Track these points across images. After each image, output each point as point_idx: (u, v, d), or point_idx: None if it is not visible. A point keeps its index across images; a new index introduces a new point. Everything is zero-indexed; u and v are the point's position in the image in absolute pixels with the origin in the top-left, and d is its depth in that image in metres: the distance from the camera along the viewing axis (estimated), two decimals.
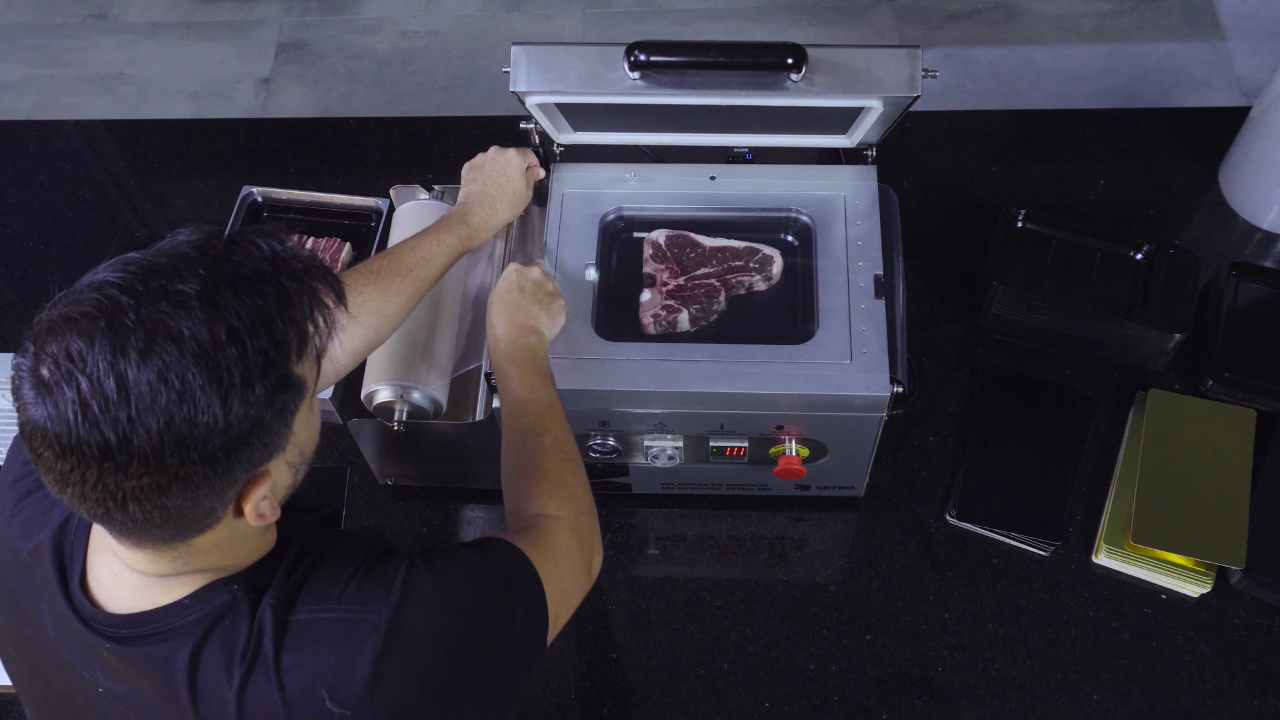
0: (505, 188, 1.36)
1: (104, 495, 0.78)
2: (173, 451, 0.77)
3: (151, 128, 1.92)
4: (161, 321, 0.76)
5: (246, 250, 0.82)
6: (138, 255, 0.80)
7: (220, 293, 0.78)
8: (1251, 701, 1.34)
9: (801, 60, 1.23)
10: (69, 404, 0.75)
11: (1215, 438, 1.46)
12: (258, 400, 0.79)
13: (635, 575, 1.46)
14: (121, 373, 0.75)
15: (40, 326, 0.78)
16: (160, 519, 0.80)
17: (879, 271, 1.33)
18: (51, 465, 0.78)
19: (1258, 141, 1.65)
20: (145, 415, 0.75)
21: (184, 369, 0.76)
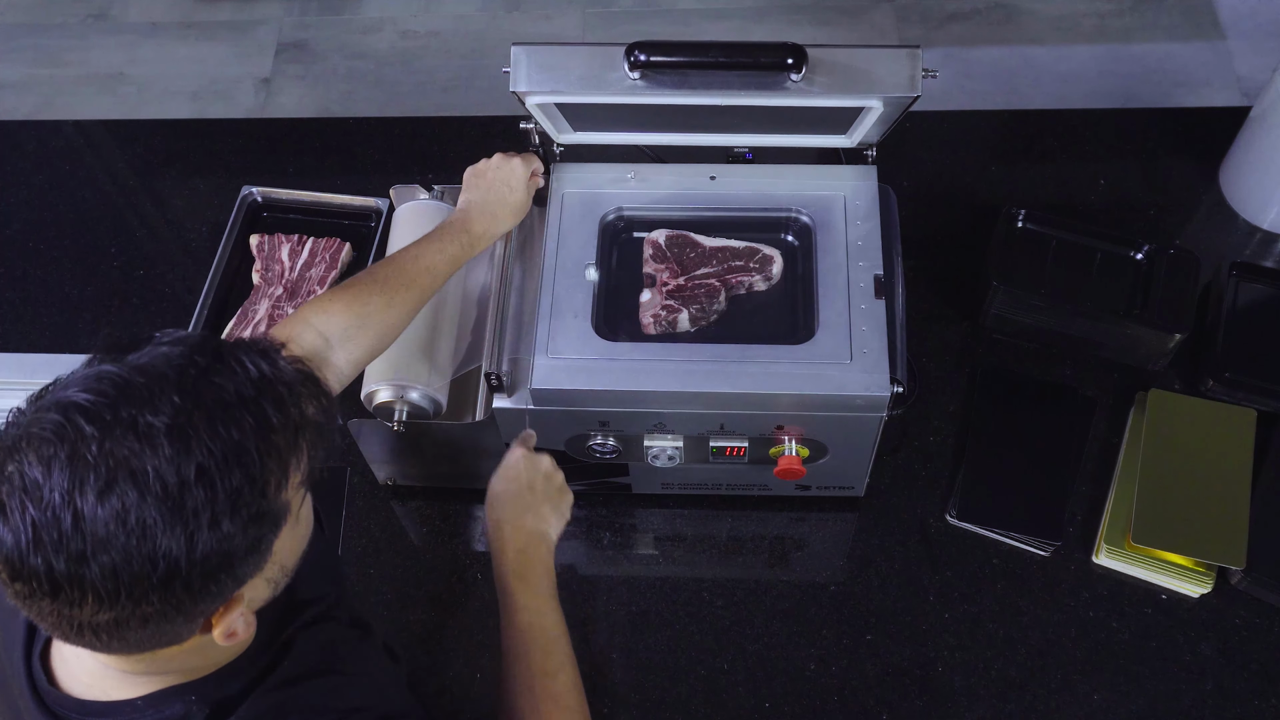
0: (508, 197, 1.36)
1: (59, 621, 0.75)
2: (129, 591, 0.72)
3: (151, 128, 1.92)
4: (124, 459, 0.72)
5: (231, 371, 0.77)
6: (114, 370, 0.75)
7: (193, 426, 0.73)
8: (1251, 701, 1.34)
9: (801, 60, 1.23)
10: (21, 530, 0.71)
11: (1215, 438, 1.46)
12: (227, 537, 0.75)
13: (635, 575, 1.46)
14: (78, 509, 0.71)
15: (8, 438, 0.74)
16: (119, 646, 0.78)
17: (879, 271, 1.33)
18: (6, 584, 0.74)
19: (1258, 141, 1.65)
20: (99, 553, 0.71)
21: (144, 511, 0.71)
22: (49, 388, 0.77)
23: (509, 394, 1.30)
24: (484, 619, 1.43)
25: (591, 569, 1.46)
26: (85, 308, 1.70)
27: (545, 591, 1.13)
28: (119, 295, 1.71)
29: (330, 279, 1.65)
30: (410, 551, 1.48)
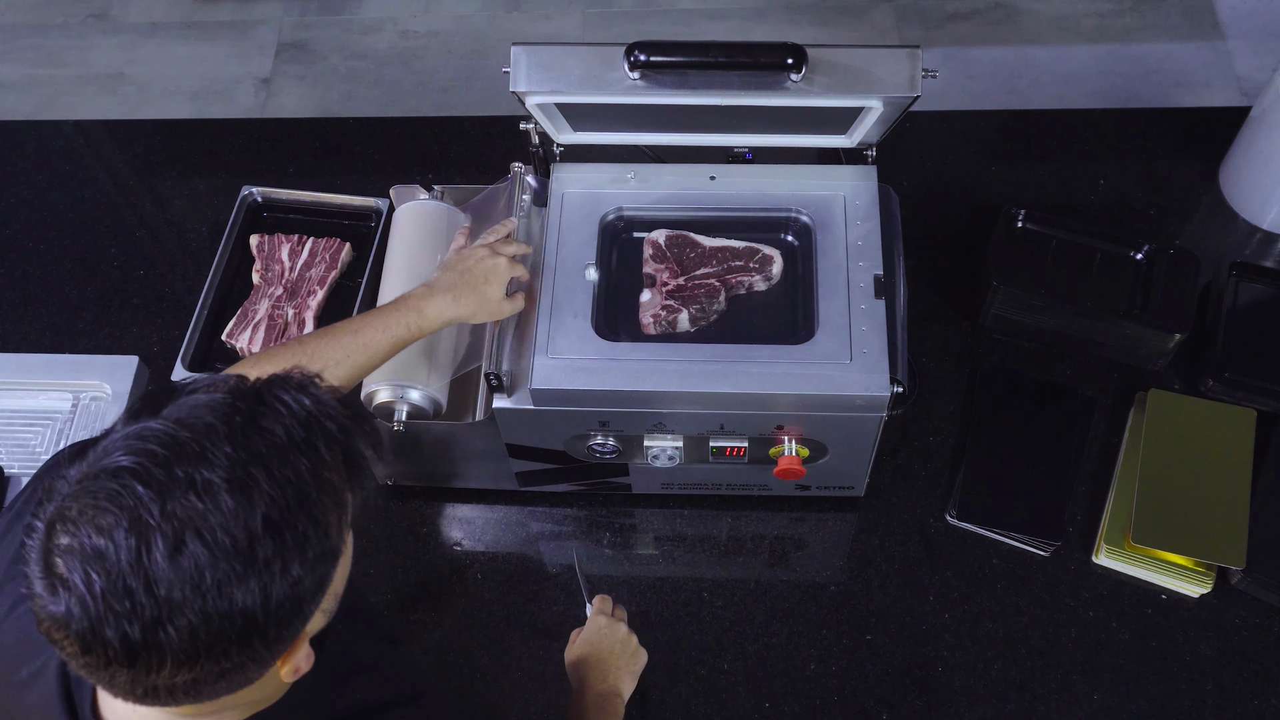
0: (481, 289, 1.26)
1: (133, 687, 0.73)
2: (208, 650, 0.71)
3: (151, 128, 1.92)
4: (189, 519, 0.70)
5: (276, 414, 0.75)
6: (158, 428, 0.72)
7: (252, 477, 0.72)
8: (1251, 701, 1.34)
9: (801, 60, 1.23)
10: (89, 602, 0.69)
11: (1215, 438, 1.46)
12: (297, 582, 0.74)
13: (635, 575, 1.46)
14: (149, 574, 0.69)
15: (52, 510, 0.71)
16: (192, 700, 0.76)
17: (879, 271, 1.33)
18: (74, 656, 0.72)
19: (1258, 141, 1.65)
20: (175, 616, 0.69)
21: (217, 568, 0.70)
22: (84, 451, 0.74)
23: (509, 394, 1.30)
24: (483, 618, 1.43)
25: (591, 569, 1.46)
26: (85, 308, 1.70)
27: None
28: (119, 295, 1.71)
29: (330, 279, 1.65)
30: (410, 551, 1.48)
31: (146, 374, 1.62)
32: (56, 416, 1.59)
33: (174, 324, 1.66)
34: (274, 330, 1.60)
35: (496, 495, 1.51)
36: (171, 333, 1.65)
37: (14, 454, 1.55)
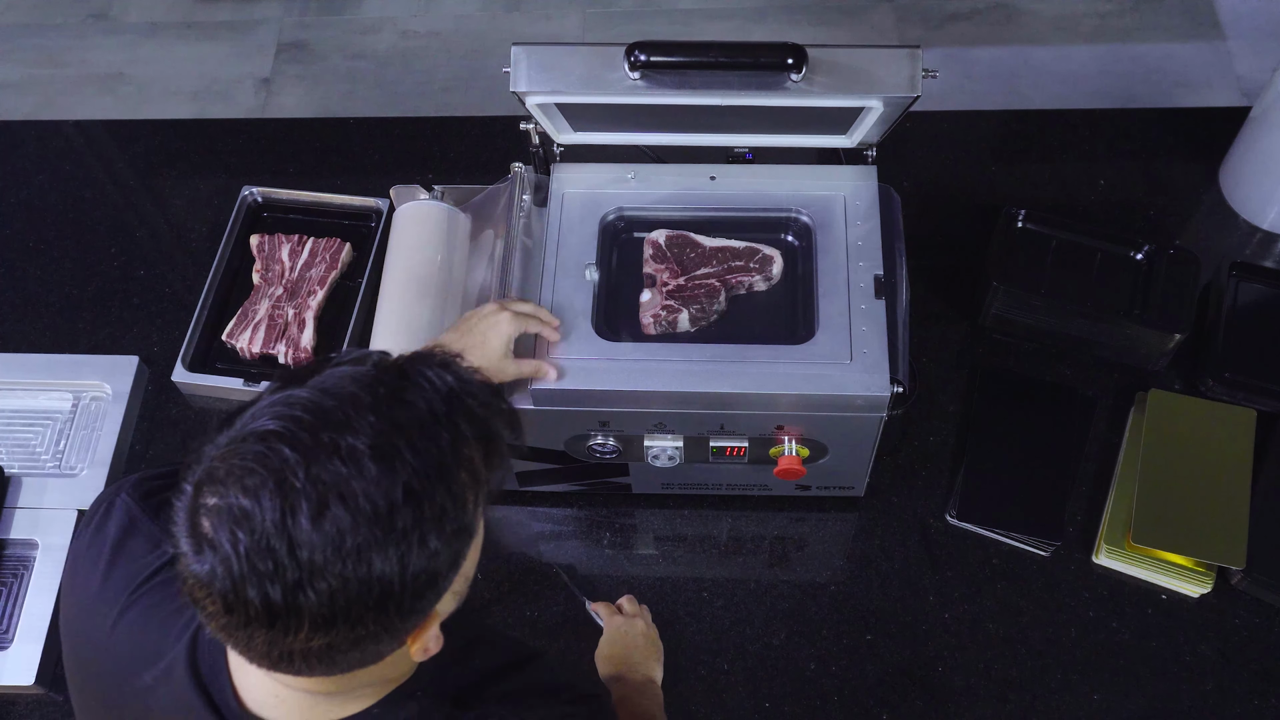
0: (481, 346, 1.24)
1: (269, 651, 0.74)
2: (345, 615, 0.72)
3: (151, 128, 1.92)
4: (333, 483, 0.71)
5: (419, 388, 0.76)
6: (303, 395, 0.74)
7: (394, 446, 0.73)
8: (1251, 701, 1.34)
9: (801, 60, 1.23)
10: (234, 560, 0.70)
11: (1215, 438, 1.46)
12: (434, 555, 0.75)
13: (635, 575, 1.46)
14: (292, 536, 0.70)
15: (200, 471, 0.73)
16: (326, 669, 0.77)
17: (879, 271, 1.33)
18: (213, 617, 0.74)
19: (1258, 141, 1.65)
20: (316, 579, 0.71)
21: (358, 534, 0.71)
22: (232, 419, 0.75)
23: (509, 394, 1.30)
24: (483, 617, 1.43)
25: (591, 569, 1.46)
26: (85, 308, 1.70)
27: None
28: (119, 295, 1.71)
29: (330, 279, 1.65)
30: None
31: (146, 374, 1.62)
32: (56, 416, 1.59)
33: (174, 324, 1.66)
34: (274, 330, 1.60)
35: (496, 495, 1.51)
36: (171, 333, 1.65)
37: (14, 454, 1.55)
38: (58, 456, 1.55)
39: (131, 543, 0.94)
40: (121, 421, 1.55)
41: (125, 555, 0.94)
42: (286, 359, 1.59)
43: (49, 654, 1.40)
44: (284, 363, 1.59)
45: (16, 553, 1.47)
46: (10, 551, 1.46)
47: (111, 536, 0.95)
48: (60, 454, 1.55)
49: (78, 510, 1.48)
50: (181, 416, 1.59)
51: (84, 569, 0.95)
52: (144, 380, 1.62)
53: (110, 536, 0.95)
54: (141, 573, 0.92)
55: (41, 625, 1.40)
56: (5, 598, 1.44)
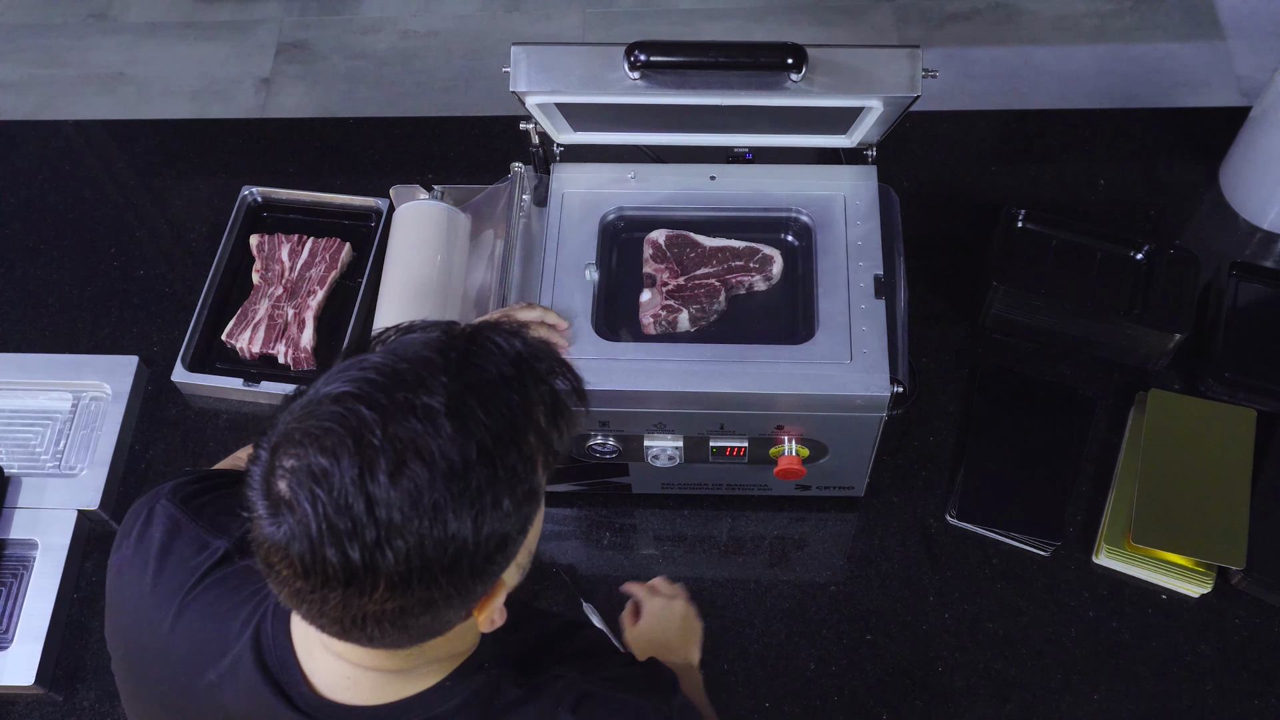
0: None
1: (342, 614, 0.75)
2: (420, 575, 0.73)
3: (151, 128, 1.92)
4: (410, 440, 0.71)
5: (489, 352, 0.77)
6: (376, 359, 0.75)
7: (468, 406, 0.74)
8: (1251, 701, 1.34)
9: (801, 60, 1.23)
10: (312, 523, 0.71)
11: (1215, 438, 1.46)
12: (505, 516, 0.75)
13: (635, 575, 1.45)
14: (370, 494, 0.70)
15: (276, 436, 0.74)
16: (396, 636, 0.78)
17: (879, 271, 1.33)
18: (287, 582, 0.75)
19: (1258, 141, 1.65)
20: (394, 538, 0.71)
21: (435, 491, 0.71)
22: (304, 390, 0.76)
23: None
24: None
25: (591, 569, 1.46)
26: (85, 308, 1.70)
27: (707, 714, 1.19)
28: (119, 295, 1.71)
29: (330, 279, 1.65)
30: None
31: (146, 374, 1.62)
32: (56, 416, 1.59)
33: (174, 324, 1.66)
34: (274, 330, 1.60)
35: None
36: (171, 333, 1.65)
37: (14, 454, 1.55)
38: (58, 456, 1.55)
39: (178, 545, 0.95)
40: (121, 421, 1.55)
41: (173, 559, 0.94)
42: (286, 359, 1.59)
43: (49, 654, 1.40)
44: (284, 362, 1.59)
45: (16, 553, 1.47)
46: (10, 551, 1.46)
47: (157, 542, 0.95)
48: (60, 454, 1.55)
49: (77, 510, 1.48)
50: (181, 416, 1.59)
51: (131, 577, 0.95)
52: (144, 380, 1.62)
53: (155, 542, 0.95)
54: (193, 574, 0.92)
55: (41, 625, 1.40)
56: (5, 598, 1.44)
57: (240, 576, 0.92)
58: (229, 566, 0.93)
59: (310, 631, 0.84)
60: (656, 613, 1.30)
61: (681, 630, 1.28)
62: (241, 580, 0.92)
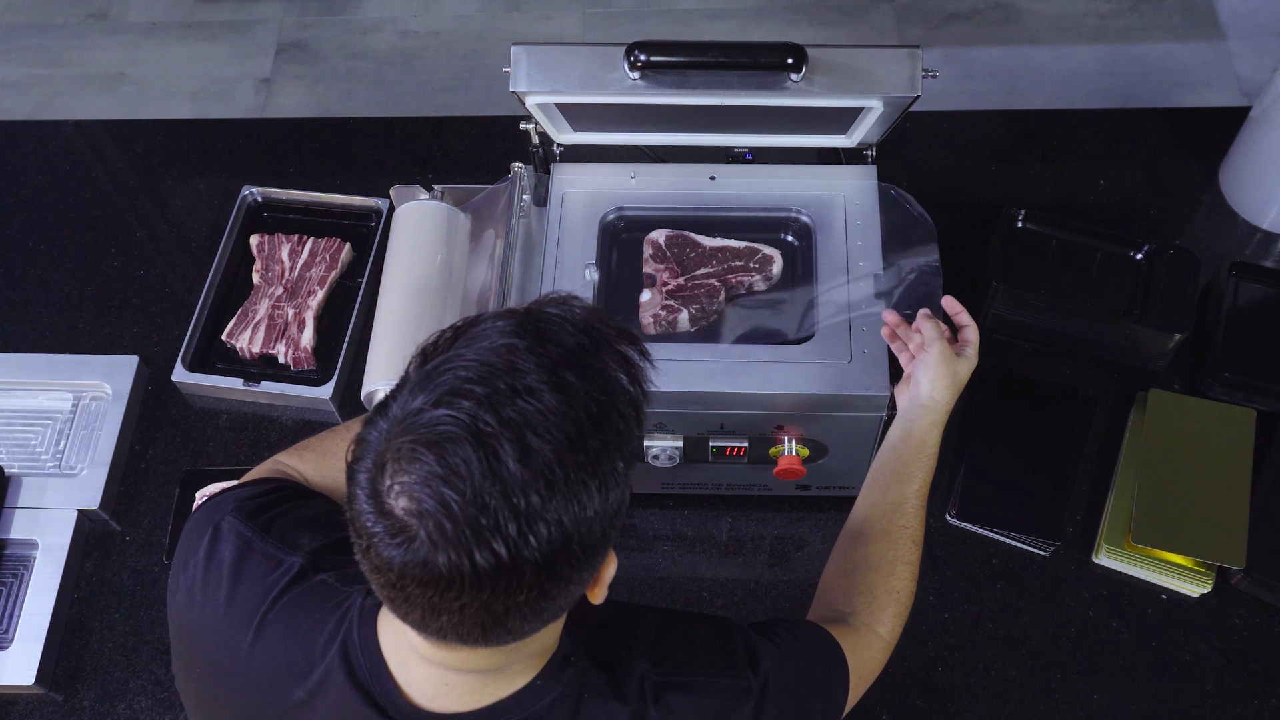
0: None
1: (485, 615, 0.74)
2: (560, 554, 0.73)
3: (151, 128, 1.92)
4: (525, 420, 0.71)
5: (558, 324, 0.78)
6: (462, 358, 0.75)
7: (564, 378, 0.74)
8: (1251, 701, 1.34)
9: (801, 60, 1.23)
10: (449, 527, 0.70)
11: (1215, 438, 1.46)
12: (623, 478, 0.76)
13: (635, 575, 1.46)
14: (504, 481, 0.70)
15: (374, 455, 0.73)
16: (532, 624, 0.78)
17: (879, 271, 1.33)
18: (419, 600, 0.74)
19: (1258, 141, 1.65)
20: (535, 523, 0.71)
21: (563, 465, 0.72)
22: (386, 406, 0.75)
23: None
24: None
25: None
26: (85, 308, 1.70)
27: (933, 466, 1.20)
28: (119, 295, 1.71)
29: (330, 279, 1.65)
30: None
31: (146, 374, 1.62)
32: (56, 416, 1.59)
33: (174, 324, 1.66)
34: (274, 330, 1.60)
35: None
36: (171, 333, 1.65)
37: (14, 454, 1.55)
38: (58, 456, 1.55)
39: (250, 564, 0.93)
40: (121, 421, 1.55)
41: (247, 578, 0.93)
42: (286, 359, 1.59)
43: (49, 654, 1.40)
44: (284, 362, 1.59)
45: (16, 553, 1.47)
46: (10, 551, 1.46)
47: (228, 561, 0.94)
48: (60, 454, 1.55)
49: (78, 510, 1.48)
50: (181, 416, 1.59)
51: (205, 598, 0.94)
52: (144, 380, 1.62)
53: (227, 561, 0.94)
54: (270, 592, 0.91)
55: (41, 625, 1.40)
56: (5, 598, 1.44)
57: (318, 592, 0.91)
58: (305, 583, 0.91)
59: (402, 641, 0.84)
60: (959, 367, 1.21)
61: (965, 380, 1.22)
62: (320, 595, 0.91)
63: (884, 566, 1.13)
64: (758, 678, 0.93)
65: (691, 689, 0.90)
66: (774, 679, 0.94)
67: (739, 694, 0.92)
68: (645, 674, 0.89)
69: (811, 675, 1.00)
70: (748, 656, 0.94)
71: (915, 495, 1.17)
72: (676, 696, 0.89)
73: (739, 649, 0.94)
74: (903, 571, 1.13)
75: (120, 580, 1.47)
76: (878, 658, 1.09)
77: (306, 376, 1.59)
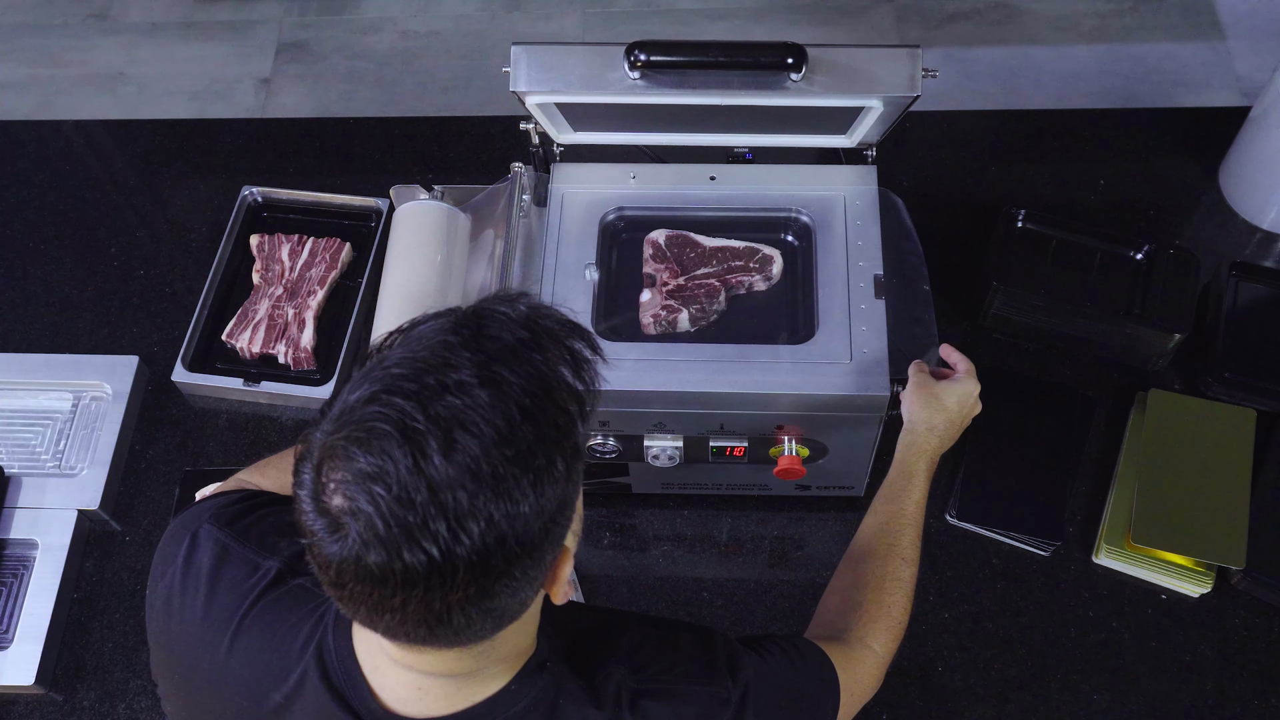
0: None
1: (425, 614, 0.74)
2: (495, 551, 0.72)
3: (151, 128, 1.92)
4: (453, 416, 0.71)
5: (499, 321, 0.77)
6: (396, 355, 0.75)
7: (496, 373, 0.74)
8: (1251, 701, 1.34)
9: (801, 60, 1.23)
10: (379, 524, 0.70)
11: (1215, 438, 1.46)
12: (561, 476, 0.75)
13: (635, 575, 1.46)
14: (430, 477, 0.70)
15: (316, 454, 0.73)
16: (480, 623, 0.77)
17: (879, 271, 1.33)
18: (362, 597, 0.74)
19: (1258, 141, 1.65)
20: (465, 520, 0.70)
21: (490, 459, 0.71)
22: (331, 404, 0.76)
23: None
24: None
25: (591, 569, 1.46)
26: (85, 308, 1.70)
27: (926, 494, 1.21)
28: (119, 295, 1.71)
29: (330, 279, 1.65)
30: None
31: (146, 374, 1.62)
32: (56, 416, 1.59)
33: (174, 324, 1.66)
34: (274, 330, 1.60)
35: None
36: (171, 333, 1.65)
37: (14, 454, 1.55)
38: (58, 456, 1.55)
39: (228, 569, 0.94)
40: (121, 421, 1.55)
41: (224, 583, 0.93)
42: (286, 359, 1.59)
43: (49, 654, 1.40)
44: (284, 362, 1.59)
45: (16, 553, 1.47)
46: (10, 551, 1.46)
47: (206, 567, 0.94)
48: (60, 454, 1.55)
49: (77, 510, 1.48)
50: (181, 416, 1.59)
51: (183, 604, 0.94)
52: (144, 380, 1.62)
53: (205, 568, 0.94)
54: (247, 597, 0.91)
55: (41, 625, 1.40)
56: (5, 598, 1.44)
57: (295, 596, 0.91)
58: (282, 586, 0.92)
59: (374, 645, 0.84)
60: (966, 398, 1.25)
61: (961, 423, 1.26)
62: (297, 599, 0.91)
63: (873, 583, 1.14)
64: (737, 687, 0.93)
65: (669, 696, 0.90)
66: (754, 689, 0.94)
67: (717, 703, 0.92)
68: (623, 681, 0.89)
69: (799, 688, 1.00)
70: (728, 666, 0.94)
71: (903, 515, 1.18)
72: (653, 704, 0.89)
73: (719, 658, 0.95)
74: (893, 587, 1.14)
75: (120, 580, 1.47)
76: (872, 673, 1.10)
77: (306, 376, 1.59)
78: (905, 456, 1.23)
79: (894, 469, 1.23)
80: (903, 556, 1.16)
